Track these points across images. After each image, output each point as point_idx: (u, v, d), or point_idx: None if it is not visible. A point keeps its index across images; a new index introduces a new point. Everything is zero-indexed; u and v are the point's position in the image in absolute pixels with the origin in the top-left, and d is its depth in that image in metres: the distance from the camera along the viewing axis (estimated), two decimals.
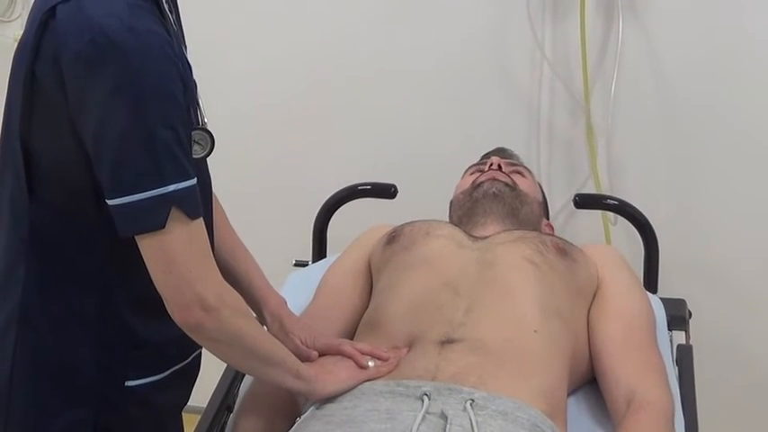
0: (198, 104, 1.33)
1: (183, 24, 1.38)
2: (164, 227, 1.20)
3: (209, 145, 1.30)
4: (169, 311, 1.26)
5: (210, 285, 1.26)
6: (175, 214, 1.21)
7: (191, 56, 1.34)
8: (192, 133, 1.27)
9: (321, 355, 1.52)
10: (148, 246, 1.22)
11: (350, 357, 1.49)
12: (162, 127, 1.19)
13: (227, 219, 1.58)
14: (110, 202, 1.21)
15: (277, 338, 1.50)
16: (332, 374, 1.45)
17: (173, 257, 1.23)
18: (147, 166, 1.19)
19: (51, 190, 1.29)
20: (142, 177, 1.19)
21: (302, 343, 1.52)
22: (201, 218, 1.26)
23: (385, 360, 1.49)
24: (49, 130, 1.26)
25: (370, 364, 1.49)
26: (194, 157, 1.28)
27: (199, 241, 1.25)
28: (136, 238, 1.23)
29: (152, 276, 1.24)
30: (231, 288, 1.33)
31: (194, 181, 1.24)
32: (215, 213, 1.49)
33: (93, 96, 1.19)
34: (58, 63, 1.20)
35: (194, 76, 1.33)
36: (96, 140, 1.21)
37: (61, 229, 1.30)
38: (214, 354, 1.35)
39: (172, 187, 1.20)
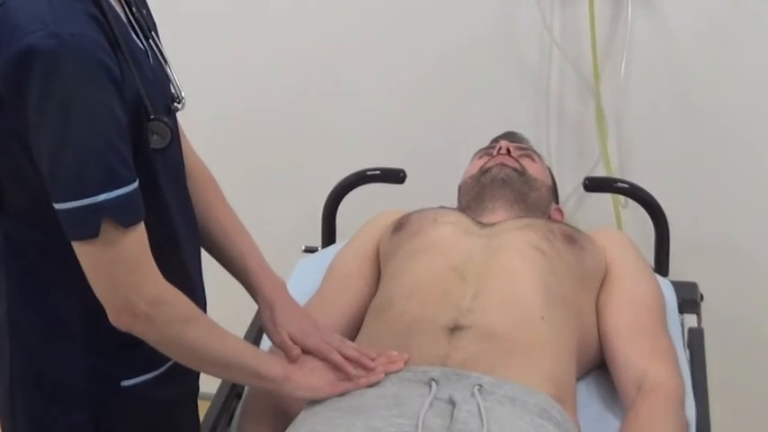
0: (165, 89, 1.31)
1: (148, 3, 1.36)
2: (97, 236, 1.18)
3: (168, 134, 1.27)
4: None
5: (143, 293, 1.22)
6: (107, 223, 1.18)
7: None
8: (150, 125, 1.25)
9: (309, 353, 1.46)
10: (80, 252, 1.20)
11: (338, 367, 1.44)
12: (90, 135, 1.16)
13: (223, 198, 1.55)
14: (55, 206, 1.19)
15: (266, 328, 1.49)
16: (305, 379, 1.41)
17: (102, 266, 1.21)
18: (74, 178, 1.16)
19: (14, 199, 1.28)
20: (70, 188, 1.17)
21: (291, 337, 1.47)
22: (141, 222, 1.22)
23: (370, 370, 1.43)
24: None
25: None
26: (155, 147, 1.26)
27: (131, 250, 1.22)
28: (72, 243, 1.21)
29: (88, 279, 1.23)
30: (175, 293, 1.28)
31: (132, 187, 1.20)
32: (209, 192, 1.49)
33: (27, 106, 1.16)
34: None
35: (166, 57, 1.29)
36: (35, 149, 1.19)
37: (32, 237, 1.29)
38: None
39: (102, 197, 1.17)
